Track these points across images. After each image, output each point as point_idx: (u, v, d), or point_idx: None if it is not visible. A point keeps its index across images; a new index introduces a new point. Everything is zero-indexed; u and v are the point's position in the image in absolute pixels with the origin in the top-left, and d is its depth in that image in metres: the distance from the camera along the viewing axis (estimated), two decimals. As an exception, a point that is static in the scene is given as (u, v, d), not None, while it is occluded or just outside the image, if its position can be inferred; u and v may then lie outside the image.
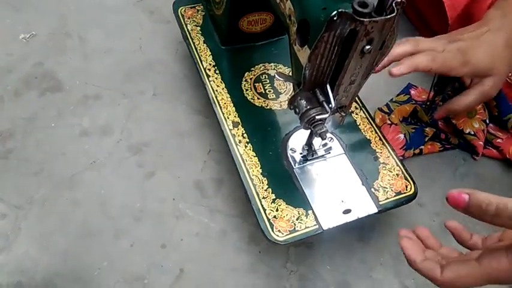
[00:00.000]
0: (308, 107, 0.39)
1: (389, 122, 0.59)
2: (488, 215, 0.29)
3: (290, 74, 0.56)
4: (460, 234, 0.38)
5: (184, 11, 0.62)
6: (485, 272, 0.31)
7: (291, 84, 0.56)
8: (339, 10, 0.31)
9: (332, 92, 0.38)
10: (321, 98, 0.38)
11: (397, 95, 0.64)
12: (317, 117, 0.38)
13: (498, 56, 0.50)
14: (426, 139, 0.58)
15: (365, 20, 0.31)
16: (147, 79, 0.64)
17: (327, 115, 0.38)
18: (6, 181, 0.54)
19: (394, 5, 0.31)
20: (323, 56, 0.35)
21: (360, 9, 0.31)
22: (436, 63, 0.49)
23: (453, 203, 0.31)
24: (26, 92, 0.62)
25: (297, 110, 0.39)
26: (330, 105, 0.38)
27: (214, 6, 0.59)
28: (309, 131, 0.47)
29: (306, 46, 0.36)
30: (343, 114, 0.41)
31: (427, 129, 0.59)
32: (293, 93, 0.39)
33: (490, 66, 0.50)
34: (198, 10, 0.62)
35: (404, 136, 0.57)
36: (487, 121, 0.58)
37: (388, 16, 0.31)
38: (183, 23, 0.61)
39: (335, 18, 0.31)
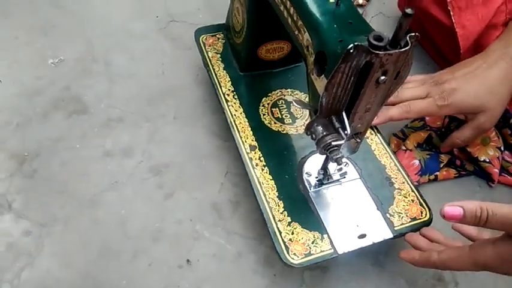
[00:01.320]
0: (324, 133, 0.40)
1: (404, 147, 0.59)
2: (481, 221, 0.35)
3: (306, 100, 0.57)
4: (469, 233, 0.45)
5: (206, 39, 0.65)
6: (472, 256, 0.37)
7: (308, 110, 0.58)
8: (355, 43, 0.33)
9: (348, 119, 0.39)
10: (337, 125, 0.39)
11: (412, 121, 0.65)
12: (333, 143, 0.39)
13: (491, 91, 0.52)
14: (441, 165, 0.58)
15: (380, 52, 0.33)
16: (168, 103, 0.67)
17: (342, 141, 0.39)
18: (32, 199, 0.57)
19: (408, 38, 0.33)
20: (339, 85, 0.36)
21: (375, 42, 0.32)
22: (412, 113, 0.54)
23: (449, 217, 0.36)
24: (53, 114, 0.65)
25: (314, 135, 0.41)
26: (346, 132, 0.39)
27: (235, 35, 0.61)
28: (324, 155, 0.49)
29: (323, 76, 0.38)
30: (358, 140, 0.43)
31: (442, 155, 0.59)
32: (310, 120, 0.41)
33: (479, 103, 0.52)
34: (218, 38, 0.65)
35: (419, 162, 0.58)
36: (502, 148, 0.59)
37: (403, 49, 0.33)
38: (204, 50, 0.64)
39: (351, 50, 0.33)
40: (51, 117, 0.65)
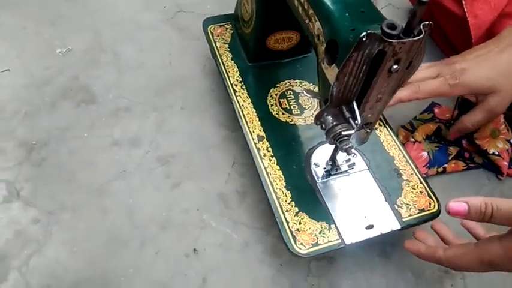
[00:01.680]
0: (334, 123, 0.40)
1: (412, 139, 0.59)
2: (486, 217, 0.35)
3: (316, 90, 0.57)
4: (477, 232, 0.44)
5: (214, 29, 0.65)
6: (478, 254, 0.36)
7: (316, 100, 0.57)
8: (368, 31, 0.32)
9: (358, 109, 0.39)
10: (347, 115, 0.39)
11: (421, 113, 0.65)
12: (343, 133, 0.39)
13: (503, 74, 0.51)
14: (450, 157, 0.58)
15: (393, 41, 0.32)
16: (176, 93, 0.67)
17: (352, 131, 0.39)
18: (40, 187, 0.57)
19: (421, 27, 0.32)
20: (351, 74, 0.36)
21: (388, 30, 0.32)
22: (422, 93, 0.52)
23: (454, 213, 0.36)
24: (62, 103, 0.65)
25: (323, 125, 0.40)
26: (356, 122, 0.39)
27: (243, 25, 0.61)
28: (333, 146, 0.49)
29: (334, 65, 0.37)
30: (368, 130, 0.42)
31: (451, 147, 0.59)
32: (319, 109, 0.40)
33: (490, 84, 0.51)
34: (226, 28, 0.65)
35: (428, 154, 0.58)
36: (511, 141, 0.58)
37: (416, 38, 0.33)
38: (212, 40, 0.63)
39: (364, 38, 0.33)
40: (59, 107, 0.65)
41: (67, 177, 0.58)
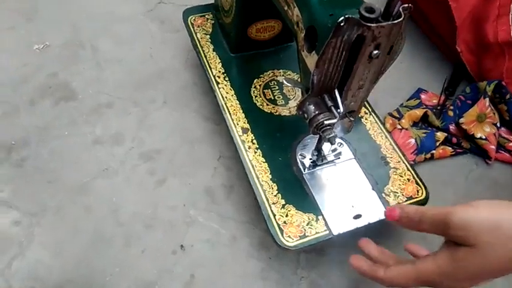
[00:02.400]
0: (316, 112, 0.39)
1: (399, 126, 0.58)
2: (414, 222, 0.35)
3: (298, 80, 0.56)
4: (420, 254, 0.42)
5: (194, 19, 0.63)
6: (416, 273, 0.35)
7: (300, 90, 0.56)
8: (346, 16, 0.31)
9: (340, 97, 0.38)
10: (329, 103, 0.38)
11: (408, 100, 0.64)
12: (325, 122, 0.38)
13: None
14: (437, 143, 0.57)
15: (372, 25, 0.31)
16: (158, 87, 0.65)
17: (335, 120, 0.38)
18: (21, 189, 0.55)
19: (401, 9, 0.31)
20: (331, 61, 0.35)
21: (366, 14, 0.31)
22: None
23: (389, 216, 0.37)
24: (41, 101, 0.63)
25: (306, 115, 0.39)
26: (338, 110, 0.38)
27: (223, 14, 0.59)
28: (318, 136, 0.48)
29: (313, 52, 0.36)
30: (352, 119, 0.41)
31: (438, 133, 0.58)
32: (302, 99, 0.39)
33: None
34: (207, 19, 0.63)
35: (415, 141, 0.57)
36: (498, 125, 0.58)
37: (395, 21, 0.32)
38: (192, 31, 0.62)
39: (342, 23, 0.31)
40: (38, 105, 0.63)
41: (48, 177, 0.56)
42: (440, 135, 0.58)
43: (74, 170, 0.57)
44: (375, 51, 0.34)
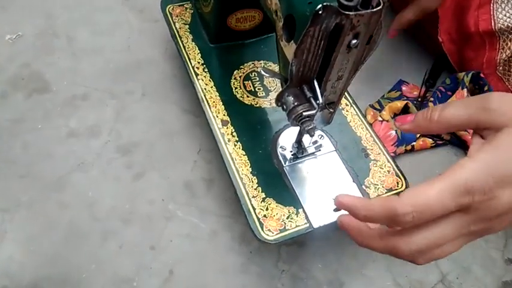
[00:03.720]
0: (295, 104, 0.38)
1: (380, 118, 0.58)
2: (432, 122, 0.33)
3: (277, 70, 0.55)
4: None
5: (172, 9, 0.61)
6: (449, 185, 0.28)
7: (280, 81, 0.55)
8: (324, 4, 0.30)
9: (319, 88, 0.37)
10: (309, 94, 0.37)
11: (389, 92, 0.64)
12: (304, 113, 0.37)
13: None
14: (418, 135, 0.57)
15: (350, 13, 0.30)
16: (136, 79, 0.63)
17: (314, 111, 0.37)
18: (-8, 184, 0.53)
19: (380, -3, 0.31)
20: (309, 51, 0.34)
21: (345, 2, 0.30)
22: None
23: (401, 120, 0.36)
24: (13, 93, 0.61)
25: (284, 106, 0.39)
26: (318, 102, 0.37)
27: (202, 3, 0.58)
28: (298, 128, 0.47)
29: (292, 41, 0.35)
30: (332, 110, 0.41)
31: (418, 125, 0.58)
32: (280, 90, 0.39)
33: None
34: (186, 8, 0.62)
35: (396, 132, 0.57)
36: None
37: (375, 9, 0.31)
38: (171, 21, 0.60)
39: (320, 12, 0.31)
40: (10, 97, 0.61)
41: (21, 172, 0.54)
42: (421, 127, 0.58)
43: (48, 164, 0.55)
44: (354, 41, 0.33)
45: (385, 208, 0.29)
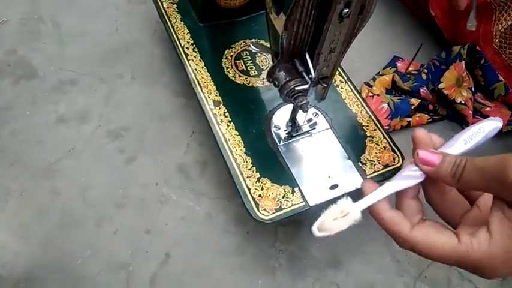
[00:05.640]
0: (287, 79, 0.37)
1: (371, 94, 0.57)
2: (458, 169, 0.26)
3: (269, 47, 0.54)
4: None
5: (160, -12, 0.59)
6: (454, 251, 0.25)
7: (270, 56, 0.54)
8: (313, -30, 0.29)
9: (312, 61, 0.36)
10: (300, 69, 0.36)
11: (384, 68, 0.63)
12: (297, 88, 0.36)
13: None
14: (412, 107, 0.56)
15: (341, -21, 0.29)
16: (125, 62, 0.62)
17: (307, 86, 0.36)
18: (-18, 173, 0.52)
19: (371, -38, 0.29)
20: (300, 21, 0.33)
21: (335, -32, 0.29)
22: None
23: (425, 162, 0.27)
24: (-1, 80, 0.60)
25: (276, 82, 0.38)
26: (310, 76, 0.36)
27: (190, -19, 0.56)
28: (292, 106, 0.46)
29: (281, 13, 0.34)
30: (325, 85, 0.40)
31: (412, 99, 0.57)
32: (271, 65, 0.37)
33: None
34: (173, -13, 0.60)
35: (388, 105, 0.56)
36: (473, 89, 0.57)
37: (366, -25, 0.30)
38: (158, 1, 0.58)
39: (309, -21, 0.29)
40: (-4, 84, 0.59)
41: (11, 159, 0.53)
42: (415, 101, 0.57)
43: (38, 151, 0.54)
44: (345, 10, 0.32)
45: None
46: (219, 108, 0.50)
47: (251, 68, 0.54)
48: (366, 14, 0.35)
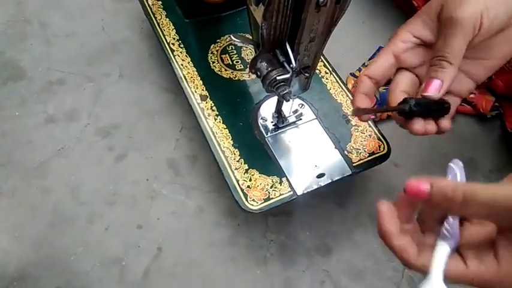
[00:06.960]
0: (269, 69, 0.37)
1: (356, 84, 0.58)
2: (455, 203, 0.24)
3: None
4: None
5: (144, -15, 0.60)
6: (466, 275, 0.26)
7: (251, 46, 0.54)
8: (288, -40, 0.30)
9: (292, 51, 0.37)
10: (282, 59, 0.37)
11: (369, 59, 0.64)
12: (278, 77, 0.37)
13: None
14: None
15: (315, -32, 0.30)
16: (112, 60, 0.62)
17: (288, 75, 0.37)
18: (-27, 175, 0.53)
19: (344, -50, 0.30)
20: (278, 12, 0.33)
21: (309, -43, 0.29)
22: None
23: (412, 193, 0.26)
24: (-13, 82, 0.60)
25: (259, 72, 0.38)
26: (291, 65, 0.37)
27: (173, -23, 0.57)
28: (277, 98, 0.47)
29: (260, 4, 0.35)
30: (307, 75, 0.40)
31: (398, 89, 0.58)
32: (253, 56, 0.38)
33: None
34: (158, -16, 0.60)
35: (374, 94, 0.57)
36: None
37: (340, -37, 0.30)
38: (143, -2, 0.59)
39: (284, -31, 0.30)
40: (-16, 87, 0.60)
41: (2, 160, 0.54)
42: (401, 91, 0.58)
43: (28, 151, 0.54)
44: (322, -1, 0.32)
45: None
46: (206, 103, 0.51)
47: (237, 62, 0.55)
48: (343, 2, 0.35)
